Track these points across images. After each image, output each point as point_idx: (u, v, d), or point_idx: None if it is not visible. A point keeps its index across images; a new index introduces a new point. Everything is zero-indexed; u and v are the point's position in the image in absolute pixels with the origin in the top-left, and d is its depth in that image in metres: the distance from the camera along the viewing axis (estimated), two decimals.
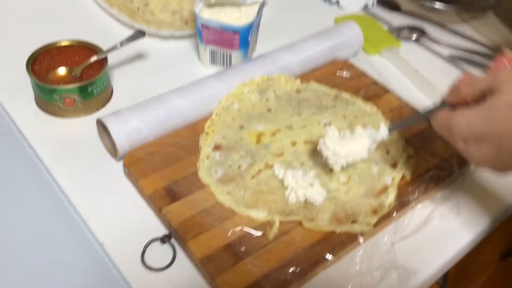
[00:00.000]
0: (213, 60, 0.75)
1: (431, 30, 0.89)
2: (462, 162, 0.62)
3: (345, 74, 0.75)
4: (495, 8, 0.91)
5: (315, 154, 0.61)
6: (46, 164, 0.61)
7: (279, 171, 0.58)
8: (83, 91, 0.64)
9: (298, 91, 0.70)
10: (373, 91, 0.72)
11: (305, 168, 0.60)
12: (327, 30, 0.78)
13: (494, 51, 0.85)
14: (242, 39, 0.71)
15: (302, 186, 0.56)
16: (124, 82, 0.73)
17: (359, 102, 0.69)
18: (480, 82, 0.48)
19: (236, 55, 0.73)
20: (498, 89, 0.46)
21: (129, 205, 0.57)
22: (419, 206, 0.59)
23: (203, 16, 0.70)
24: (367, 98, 0.71)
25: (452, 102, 0.51)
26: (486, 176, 0.63)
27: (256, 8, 0.73)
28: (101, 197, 0.58)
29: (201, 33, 0.71)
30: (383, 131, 0.57)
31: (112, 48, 0.68)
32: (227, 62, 0.74)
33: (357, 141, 0.57)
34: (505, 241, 0.90)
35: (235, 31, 0.70)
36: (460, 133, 0.48)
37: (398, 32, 0.88)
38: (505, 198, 0.62)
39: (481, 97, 0.48)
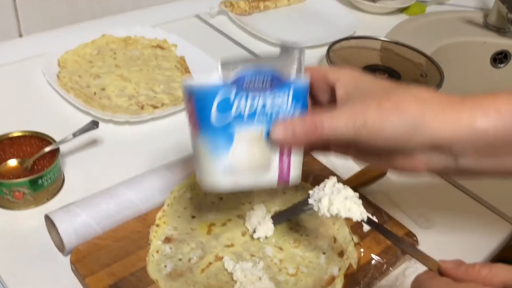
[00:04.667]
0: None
1: None
2: (405, 249, 0.65)
3: None
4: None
5: (264, 244, 0.62)
6: None
7: (228, 264, 0.59)
8: (33, 184, 0.64)
9: None
10: (323, 177, 0.75)
11: (254, 260, 0.60)
12: None
13: None
14: (200, 110, 0.45)
15: (251, 281, 0.57)
16: (76, 170, 0.73)
17: (308, 187, 0.71)
18: (503, 273, 0.43)
19: (199, 146, 0.47)
20: None
21: None
22: None
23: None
24: (316, 183, 0.73)
25: (453, 276, 0.45)
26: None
27: None
28: None
29: None
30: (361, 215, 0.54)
31: (65, 140, 0.68)
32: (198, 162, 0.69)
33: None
34: None
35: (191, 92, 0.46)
36: None
37: None
38: None
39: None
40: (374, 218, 0.54)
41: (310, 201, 0.56)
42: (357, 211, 0.54)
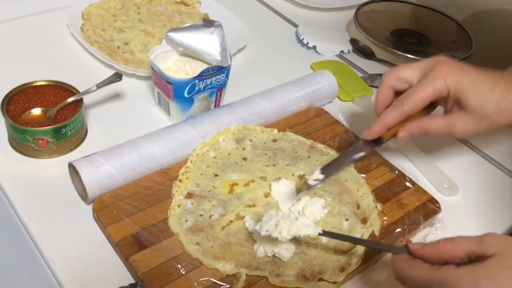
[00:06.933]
0: (159, 102, 0.75)
1: None
2: (427, 214, 0.64)
3: (319, 121, 0.76)
4: (467, 59, 0.94)
5: None
6: (14, 204, 0.61)
7: (249, 223, 0.59)
8: (57, 133, 0.64)
9: (274, 140, 0.71)
10: (345, 140, 0.74)
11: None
12: (303, 78, 0.80)
13: None
14: (176, 92, 0.70)
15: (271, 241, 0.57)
16: (99, 122, 0.73)
17: (333, 154, 0.71)
18: (465, 243, 0.46)
19: (173, 105, 0.72)
20: (498, 252, 0.44)
21: (98, 251, 0.57)
22: (386, 263, 0.60)
23: (151, 57, 0.71)
24: (340, 147, 0.72)
25: (422, 255, 0.48)
26: (451, 227, 0.65)
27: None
28: (69, 241, 0.57)
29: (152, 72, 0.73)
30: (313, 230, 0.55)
31: (88, 91, 0.68)
32: (168, 109, 0.73)
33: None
34: None
35: (168, 81, 0.69)
36: None
37: (371, 80, 0.90)
38: None
39: (466, 259, 0.46)
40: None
41: (263, 233, 0.54)
42: (312, 227, 0.54)
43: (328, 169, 0.62)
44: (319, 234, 0.54)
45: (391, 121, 0.63)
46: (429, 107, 0.64)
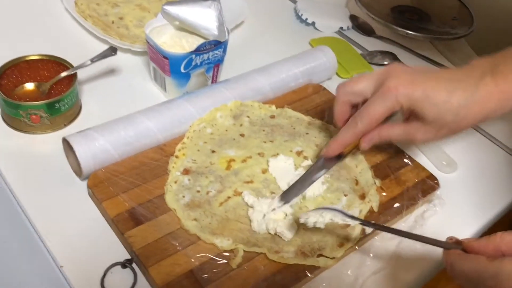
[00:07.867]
0: (155, 78, 0.74)
1: (403, 55, 0.91)
2: (426, 191, 0.63)
3: (317, 98, 0.75)
4: (467, 36, 0.93)
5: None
6: (7, 180, 0.60)
7: (248, 198, 0.58)
8: (51, 108, 0.63)
9: (272, 116, 0.70)
10: None
11: (274, 197, 0.59)
12: (302, 54, 0.78)
13: None
14: (173, 67, 0.68)
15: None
16: (93, 98, 0.72)
17: (331, 130, 0.70)
18: None
19: (169, 81, 0.71)
20: None
21: (92, 227, 0.56)
22: (384, 237, 0.60)
23: (147, 31, 0.69)
24: None
25: (476, 247, 0.45)
26: (450, 204, 0.64)
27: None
28: (64, 217, 0.57)
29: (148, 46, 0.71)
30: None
31: (83, 65, 0.67)
32: (164, 85, 0.72)
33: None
34: None
35: (164, 56, 0.68)
36: None
37: (370, 57, 0.89)
38: (470, 223, 0.64)
39: None
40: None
41: (302, 220, 0.54)
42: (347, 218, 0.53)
43: (288, 196, 0.59)
44: (360, 223, 0.53)
45: (348, 140, 0.61)
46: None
